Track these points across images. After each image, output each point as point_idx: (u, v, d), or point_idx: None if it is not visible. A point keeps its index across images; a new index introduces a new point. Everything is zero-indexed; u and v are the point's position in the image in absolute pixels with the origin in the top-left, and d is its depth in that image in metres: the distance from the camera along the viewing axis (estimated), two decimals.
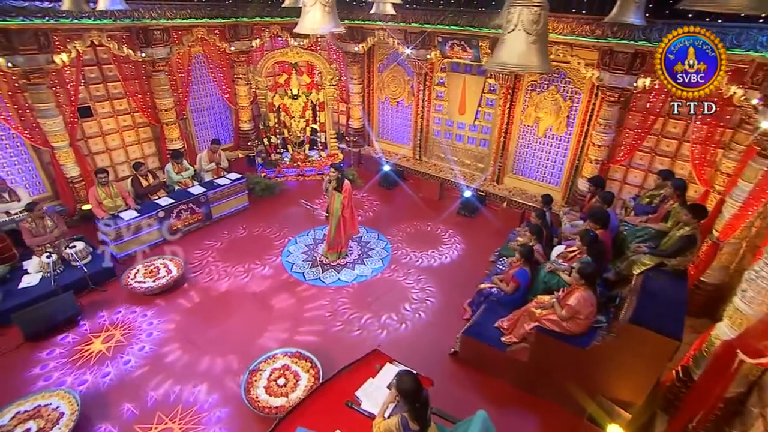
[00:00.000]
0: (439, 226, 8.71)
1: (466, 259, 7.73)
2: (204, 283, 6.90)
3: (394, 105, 11.08)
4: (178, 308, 6.35)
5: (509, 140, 9.34)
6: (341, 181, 7.00)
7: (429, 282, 7.07)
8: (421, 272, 7.31)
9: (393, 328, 6.10)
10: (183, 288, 6.76)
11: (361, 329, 6.06)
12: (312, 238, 8.19)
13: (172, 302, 6.46)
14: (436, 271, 7.36)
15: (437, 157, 10.83)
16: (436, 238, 8.33)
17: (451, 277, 7.18)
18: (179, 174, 8.59)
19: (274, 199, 9.62)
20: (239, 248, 7.83)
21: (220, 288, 6.80)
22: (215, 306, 6.42)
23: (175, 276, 6.70)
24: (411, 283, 7.03)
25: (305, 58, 10.22)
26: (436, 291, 6.86)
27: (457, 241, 8.28)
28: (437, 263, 7.56)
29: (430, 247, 8.03)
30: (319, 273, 7.21)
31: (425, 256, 7.77)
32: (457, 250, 8.04)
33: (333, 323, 6.15)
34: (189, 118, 10.23)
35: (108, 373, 5.22)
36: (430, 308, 6.50)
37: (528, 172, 9.42)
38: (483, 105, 9.58)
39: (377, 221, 8.90)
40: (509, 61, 2.60)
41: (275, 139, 10.53)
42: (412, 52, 9.43)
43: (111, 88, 8.71)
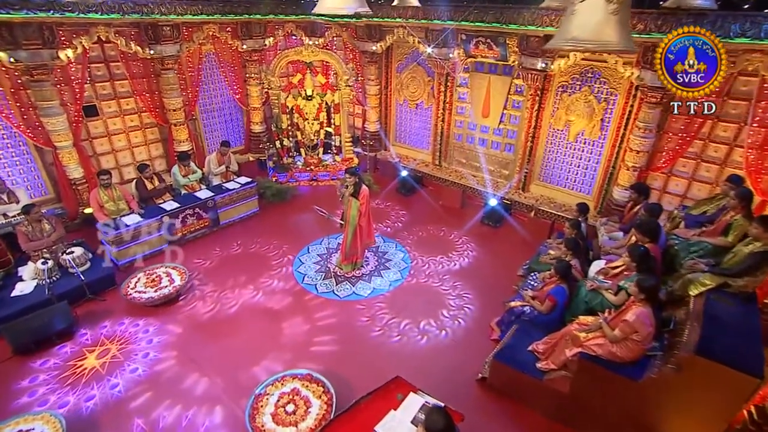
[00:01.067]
0: (462, 237, 8.22)
1: (492, 272, 7.22)
2: (208, 294, 6.50)
3: (412, 107, 10.66)
4: (180, 321, 5.95)
5: (537, 145, 8.84)
6: (358, 186, 6.58)
7: (453, 296, 6.58)
8: (443, 285, 6.82)
9: (413, 347, 5.62)
10: (186, 299, 6.37)
11: (377, 347, 5.59)
12: (325, 247, 7.76)
13: (174, 314, 6.07)
14: (459, 284, 6.87)
15: (458, 162, 10.36)
16: (458, 249, 7.84)
17: (476, 293, 6.68)
18: (186, 177, 8.25)
19: (286, 204, 9.24)
20: (248, 257, 7.43)
21: (225, 299, 6.40)
22: (219, 319, 6.02)
23: (178, 286, 6.31)
24: (433, 298, 6.54)
25: (320, 57, 9.89)
26: (461, 307, 6.37)
27: (481, 253, 7.79)
28: (460, 276, 7.07)
29: (453, 259, 7.54)
30: (333, 285, 6.77)
31: (447, 268, 7.28)
32: (481, 262, 7.54)
33: (348, 340, 5.69)
34: (198, 119, 9.92)
35: (100, 392, 4.81)
36: (454, 326, 6.01)
37: (557, 179, 8.90)
38: (509, 107, 9.11)
39: (395, 229, 8.44)
40: (582, 36, 2.16)
41: (288, 142, 10.18)
42: (433, 51, 9.02)
43: (118, 87, 8.43)
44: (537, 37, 7.56)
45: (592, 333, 4.40)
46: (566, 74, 8.01)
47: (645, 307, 3.98)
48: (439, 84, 9.87)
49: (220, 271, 7.04)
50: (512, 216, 8.87)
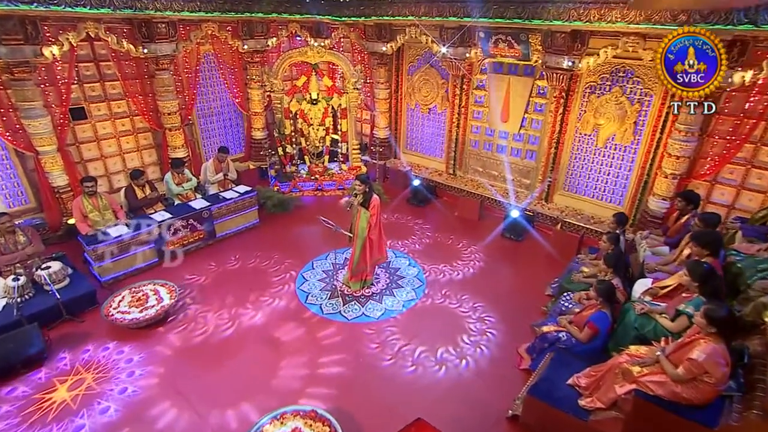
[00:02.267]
0: (482, 252, 7.62)
1: (516, 292, 6.61)
2: (201, 315, 5.93)
3: (425, 112, 10.15)
4: (168, 346, 5.37)
5: (561, 152, 8.27)
6: (368, 195, 6.03)
7: (473, 319, 5.97)
8: (462, 306, 6.21)
9: (430, 378, 5.00)
10: (175, 320, 5.80)
11: (390, 379, 4.98)
12: (331, 262, 7.19)
13: (161, 338, 5.49)
14: (480, 306, 6.26)
15: (474, 171, 9.80)
16: (477, 266, 7.24)
17: (500, 315, 6.07)
18: (180, 185, 7.74)
19: (288, 216, 8.70)
20: (246, 273, 6.87)
21: (219, 321, 5.82)
22: (212, 344, 5.43)
23: (167, 306, 5.75)
24: (450, 321, 5.94)
25: (327, 58, 9.43)
26: (483, 332, 5.75)
27: (503, 270, 7.19)
28: (481, 296, 6.46)
29: (473, 277, 6.95)
30: (339, 306, 6.18)
31: (466, 286, 6.68)
32: (503, 280, 6.94)
33: (357, 370, 5.08)
34: (195, 124, 9.46)
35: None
36: (476, 354, 5.39)
37: (584, 189, 8.31)
38: (530, 111, 8.57)
39: (407, 243, 7.86)
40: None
41: (291, 149, 9.68)
42: (448, 50, 8.53)
43: (108, 88, 7.98)
44: (563, 33, 7.05)
45: (648, 367, 3.78)
46: (595, 74, 7.48)
47: (717, 344, 3.34)
48: (454, 87, 9.37)
49: (215, 288, 6.48)
50: (536, 229, 8.28)
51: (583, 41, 7.05)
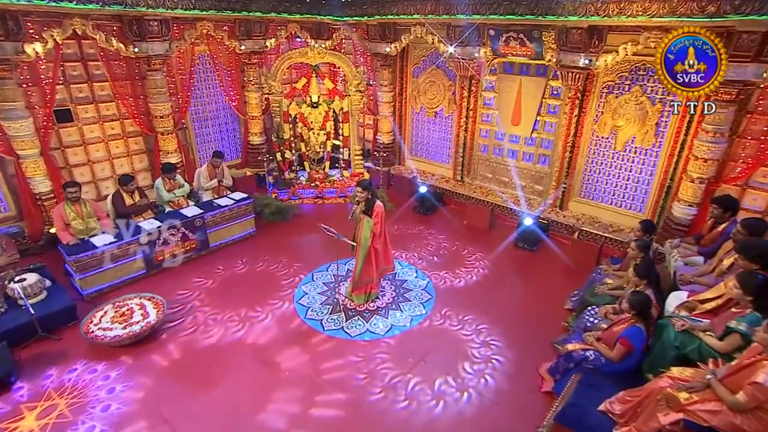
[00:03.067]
0: (494, 262, 7.19)
1: (532, 305, 6.17)
2: (190, 331, 5.50)
3: (431, 116, 9.79)
4: (152, 367, 4.93)
5: (577, 156, 7.89)
6: (371, 202, 5.63)
7: (488, 335, 5.53)
8: (475, 322, 5.77)
9: (448, 405, 4.55)
10: (162, 338, 5.37)
11: (407, 401, 4.53)
12: (332, 274, 6.76)
13: (146, 358, 5.05)
14: (493, 320, 5.82)
15: (483, 177, 9.41)
16: (491, 278, 6.81)
17: (516, 330, 5.63)
18: (171, 192, 7.34)
19: (287, 224, 8.29)
20: (239, 286, 6.44)
21: (210, 339, 5.38)
22: (202, 364, 4.99)
23: (153, 322, 5.32)
24: (463, 337, 5.49)
25: (328, 59, 9.11)
26: (498, 350, 5.31)
27: (517, 282, 6.76)
28: (495, 310, 6.02)
29: (486, 289, 6.51)
30: (342, 321, 5.74)
31: (478, 300, 6.25)
32: (518, 292, 6.50)
33: (362, 393, 4.64)
34: (189, 128, 9.10)
35: None
36: (493, 372, 4.94)
37: (600, 195, 7.90)
38: (543, 113, 8.21)
39: (413, 254, 7.44)
40: None
41: (290, 155, 9.30)
42: (455, 50, 8.19)
43: (97, 89, 7.62)
44: (579, 29, 6.71)
45: (698, 393, 3.33)
46: (613, 72, 7.11)
47: None
48: (461, 88, 9.02)
49: (206, 302, 6.04)
50: (550, 238, 7.86)
51: (601, 37, 6.70)
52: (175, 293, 6.15)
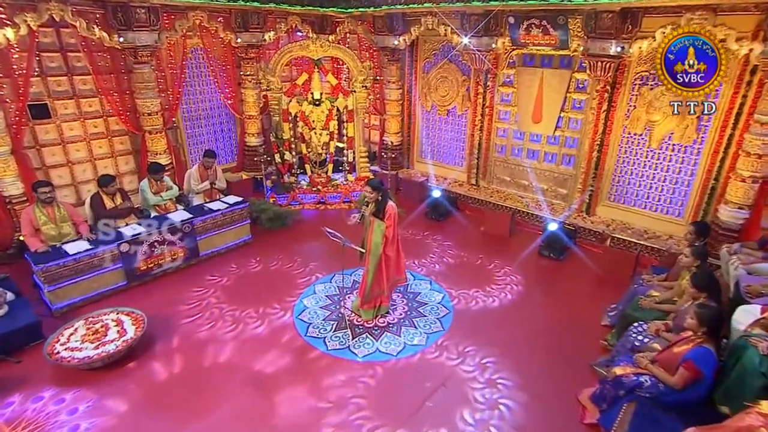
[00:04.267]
0: (518, 273, 6.57)
1: (564, 321, 5.53)
2: (173, 351, 4.89)
3: (442, 114, 9.24)
4: (127, 394, 4.30)
5: (605, 155, 7.30)
6: (382, 203, 5.03)
7: (514, 355, 4.89)
8: (500, 339, 5.14)
9: None
10: (140, 359, 4.75)
11: None
12: (336, 285, 6.16)
13: (120, 382, 4.43)
14: (521, 338, 5.19)
15: (500, 181, 8.82)
16: (516, 290, 6.19)
17: (545, 351, 4.99)
18: (157, 195, 6.77)
19: (286, 231, 7.70)
20: (234, 297, 5.84)
21: (198, 360, 4.77)
22: (188, 390, 4.37)
23: (131, 340, 4.71)
24: (485, 360, 4.86)
25: (331, 53, 8.62)
26: (527, 373, 4.67)
27: (543, 294, 6.12)
28: (520, 325, 5.40)
29: (510, 302, 5.89)
30: (348, 339, 5.11)
31: (503, 314, 5.63)
32: (545, 306, 5.86)
33: (374, 421, 4.01)
34: (181, 127, 8.56)
35: None
36: (522, 404, 4.30)
37: (633, 198, 7.30)
38: (567, 109, 7.64)
39: (427, 264, 6.83)
40: None
41: (290, 157, 8.75)
42: (470, 41, 7.66)
43: (78, 83, 7.10)
44: (611, 13, 6.17)
45: None
46: (647, 61, 6.55)
47: None
48: (476, 84, 8.47)
49: (195, 317, 5.43)
50: (577, 245, 7.25)
51: (636, 21, 6.15)
52: (159, 307, 5.54)
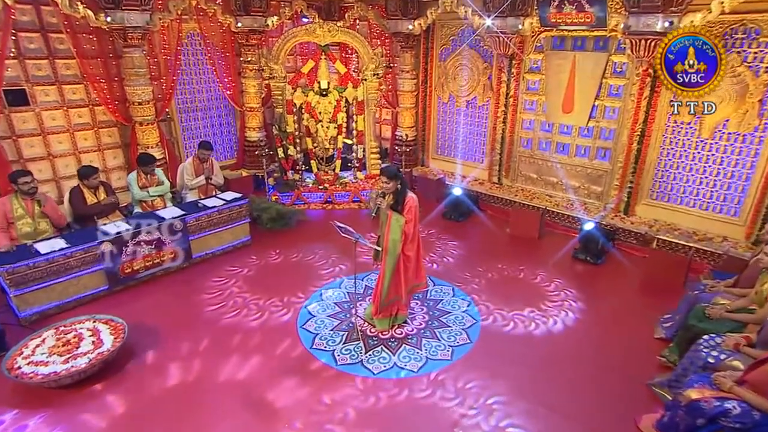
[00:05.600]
0: (552, 278, 5.94)
1: (608, 333, 4.90)
2: (158, 364, 4.30)
3: (461, 106, 8.68)
4: (104, 414, 3.72)
5: (647, 147, 6.70)
6: (401, 194, 4.45)
7: (558, 374, 4.27)
8: (537, 353, 4.52)
9: None
10: (119, 375, 4.17)
11: None
12: (345, 291, 5.56)
13: (91, 402, 3.84)
14: (562, 351, 4.56)
15: (526, 178, 8.22)
16: (548, 297, 5.56)
17: (593, 367, 4.36)
18: (145, 189, 6.22)
19: (290, 233, 7.12)
20: (230, 305, 5.26)
21: (185, 374, 4.18)
22: (170, 410, 3.77)
23: (107, 352, 4.13)
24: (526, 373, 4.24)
25: (340, 38, 8.10)
26: (574, 393, 4.04)
27: (583, 302, 5.48)
28: (564, 339, 4.77)
29: (542, 311, 5.25)
30: (361, 353, 4.51)
31: (535, 324, 4.99)
32: (588, 316, 5.21)
33: None
34: (175, 119, 8.05)
35: None
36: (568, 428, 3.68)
37: (679, 195, 6.68)
38: (603, 96, 7.04)
39: (450, 268, 6.23)
40: None
41: (294, 151, 8.20)
42: (493, 23, 7.11)
43: (60, 68, 6.61)
44: None
45: None
46: None
47: None
48: (499, 71, 7.92)
49: (183, 327, 4.85)
50: (617, 248, 6.62)
51: None
52: (144, 315, 4.97)
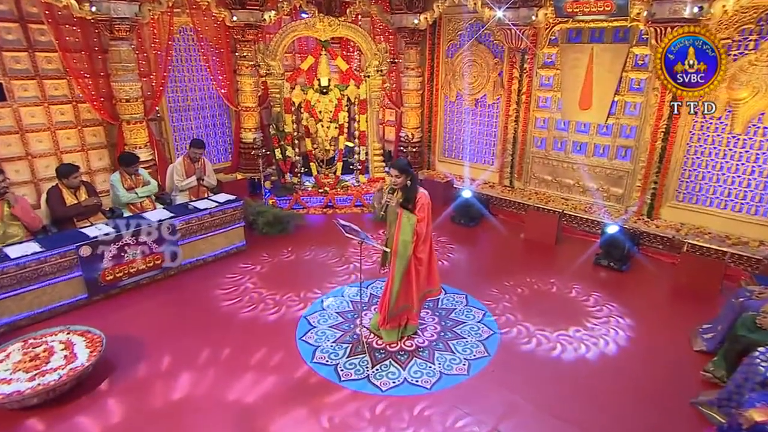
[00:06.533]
0: (572, 285, 5.54)
1: (641, 344, 4.50)
2: (140, 381, 3.90)
3: (470, 105, 8.37)
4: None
5: (672, 145, 6.36)
6: (412, 190, 4.08)
7: (589, 388, 3.86)
8: (568, 365, 4.12)
9: None
10: (95, 393, 3.76)
11: None
12: (348, 299, 5.17)
13: (62, 424, 3.44)
14: (593, 366, 4.16)
15: (540, 181, 7.87)
16: (570, 306, 5.13)
17: (626, 383, 3.96)
18: (132, 191, 5.85)
19: (287, 239, 6.73)
20: (221, 316, 4.86)
21: (174, 392, 3.77)
22: None
23: (81, 368, 3.72)
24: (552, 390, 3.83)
25: (341, 32, 7.80)
26: (609, 413, 3.64)
27: (611, 312, 5.05)
28: (592, 352, 4.36)
29: (564, 322, 4.82)
30: (368, 367, 4.10)
31: (559, 337, 4.59)
32: (618, 329, 4.81)
33: None
34: (166, 118, 7.72)
35: None
36: None
37: (709, 196, 6.32)
38: (623, 91, 6.72)
39: (461, 276, 5.85)
40: None
41: (292, 153, 7.85)
42: (505, 15, 6.82)
43: (41, 61, 6.30)
44: None
45: None
46: (731, 25, 5.66)
47: None
48: (511, 67, 7.61)
49: (168, 339, 4.45)
50: (641, 253, 6.25)
51: None
52: (126, 326, 4.57)
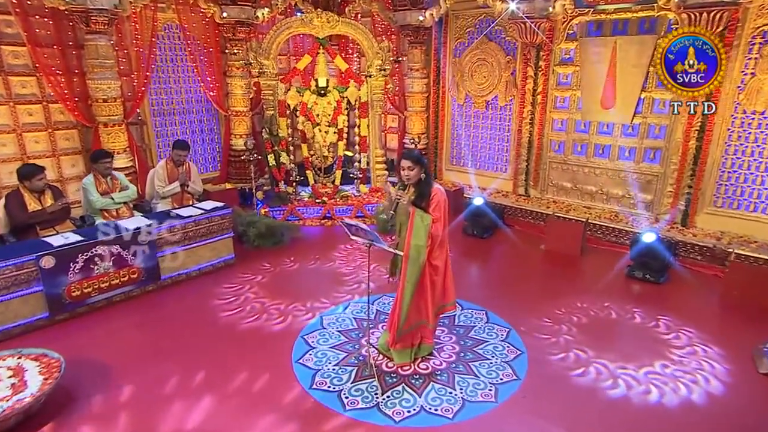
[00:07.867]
0: (609, 303, 5.01)
1: (696, 366, 3.99)
2: (105, 413, 3.36)
3: (480, 108, 7.98)
4: None
5: (708, 145, 5.95)
6: (426, 186, 3.62)
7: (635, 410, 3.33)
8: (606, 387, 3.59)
9: None
10: (47, 426, 3.22)
11: None
12: (352, 316, 4.65)
13: None
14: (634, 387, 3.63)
15: (557, 188, 7.42)
16: (621, 329, 4.59)
17: (680, 407, 3.43)
18: (107, 196, 5.35)
19: (281, 251, 6.23)
20: (207, 336, 4.34)
21: (138, 426, 3.23)
22: None
23: (31, 398, 3.17)
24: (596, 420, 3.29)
25: (341, 29, 7.46)
26: None
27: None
28: (637, 374, 3.84)
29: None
30: (377, 394, 3.56)
31: (602, 349, 4.07)
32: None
33: None
34: (148, 122, 7.30)
35: None
36: None
37: (752, 201, 5.87)
38: (650, 87, 6.33)
39: (478, 290, 5.35)
40: None
41: (287, 159, 7.40)
42: (518, 7, 6.48)
43: (7, 56, 5.90)
44: None
45: None
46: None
47: None
48: (525, 65, 7.24)
49: (141, 364, 3.91)
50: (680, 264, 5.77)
51: None
52: (91, 350, 4.04)
